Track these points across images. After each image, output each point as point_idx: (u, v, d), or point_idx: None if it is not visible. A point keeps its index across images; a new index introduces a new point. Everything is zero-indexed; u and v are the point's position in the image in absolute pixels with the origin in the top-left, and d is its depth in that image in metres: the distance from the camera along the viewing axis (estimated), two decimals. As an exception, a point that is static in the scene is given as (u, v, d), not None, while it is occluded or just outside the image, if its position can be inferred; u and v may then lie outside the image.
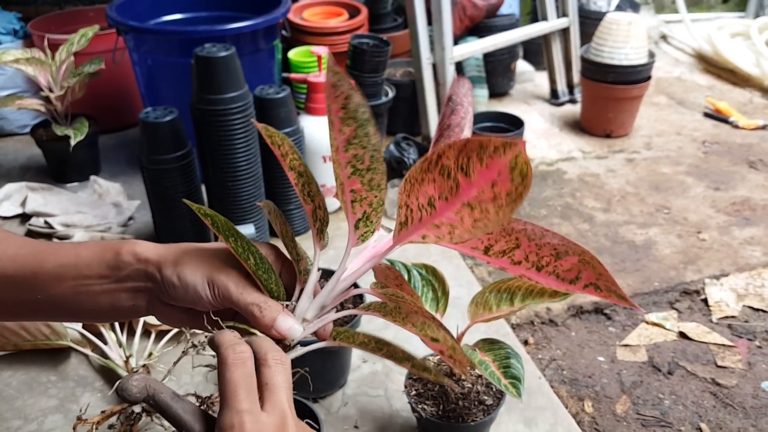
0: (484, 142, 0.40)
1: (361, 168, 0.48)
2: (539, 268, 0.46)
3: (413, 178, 0.45)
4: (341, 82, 0.46)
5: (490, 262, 0.48)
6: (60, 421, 1.03)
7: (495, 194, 0.41)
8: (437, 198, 0.44)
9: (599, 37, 1.96)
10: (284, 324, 0.51)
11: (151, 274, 0.53)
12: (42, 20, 1.90)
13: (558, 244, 0.45)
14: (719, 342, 1.28)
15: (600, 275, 0.44)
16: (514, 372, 0.81)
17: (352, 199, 0.49)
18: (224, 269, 0.53)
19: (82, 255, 0.55)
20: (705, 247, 1.54)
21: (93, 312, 0.56)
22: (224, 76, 1.23)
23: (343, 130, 0.47)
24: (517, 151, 0.39)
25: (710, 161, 1.93)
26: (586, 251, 0.44)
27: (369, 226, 0.51)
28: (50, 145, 1.64)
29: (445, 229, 0.45)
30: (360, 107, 0.46)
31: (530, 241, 0.45)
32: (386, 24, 2.16)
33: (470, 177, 0.42)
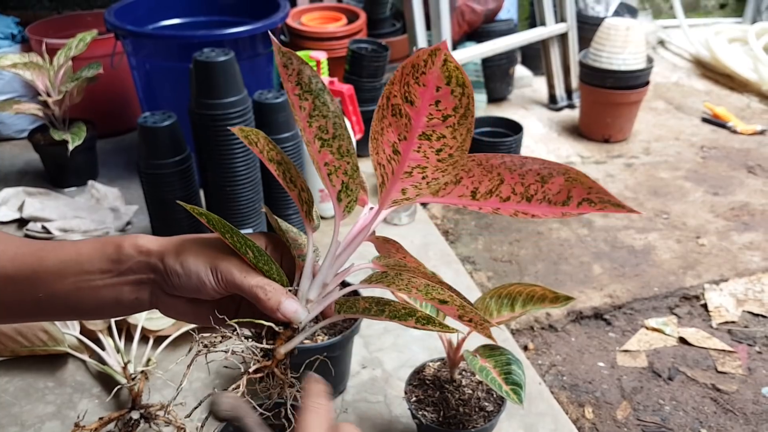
0: (414, 62, 0.41)
1: (326, 138, 0.49)
2: (529, 198, 0.45)
3: (375, 132, 0.46)
4: (291, 60, 0.48)
5: (482, 208, 0.47)
6: (57, 427, 1.02)
7: (443, 113, 0.42)
8: (398, 141, 0.45)
9: (597, 42, 1.96)
10: (290, 307, 0.52)
11: (153, 265, 0.53)
12: (40, 24, 1.90)
13: (540, 168, 0.44)
14: (719, 347, 1.28)
15: (590, 188, 0.44)
16: (515, 378, 0.81)
17: (327, 172, 0.50)
18: (226, 256, 0.53)
19: (83, 251, 0.54)
20: (704, 252, 1.54)
21: (95, 308, 0.56)
22: (223, 80, 1.22)
23: (302, 105, 0.48)
24: (444, 56, 0.40)
25: (709, 166, 1.93)
26: (570, 168, 0.44)
27: (350, 195, 0.51)
28: (48, 150, 1.64)
29: (417, 174, 0.46)
30: (312, 78, 0.48)
31: (512, 173, 0.45)
32: (385, 29, 2.16)
33: (415, 104, 0.43)
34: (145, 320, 1.12)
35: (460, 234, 1.61)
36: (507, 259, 1.52)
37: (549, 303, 0.84)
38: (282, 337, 0.53)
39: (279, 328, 0.54)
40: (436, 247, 1.47)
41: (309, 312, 0.54)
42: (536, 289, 0.85)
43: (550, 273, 1.47)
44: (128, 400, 1.04)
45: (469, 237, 1.59)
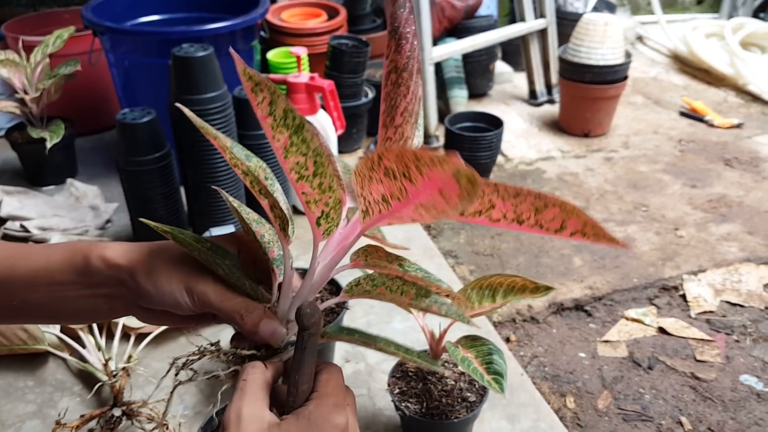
0: (418, 155, 0.37)
1: (306, 174, 0.45)
2: (520, 222, 0.44)
3: (362, 174, 0.42)
4: (260, 86, 0.43)
5: (469, 221, 0.45)
6: (38, 426, 1.01)
7: (445, 197, 0.39)
8: (390, 197, 0.42)
9: (576, 37, 1.98)
10: (267, 328, 0.51)
11: (123, 280, 0.52)
12: (16, 22, 1.88)
13: (535, 200, 0.42)
14: (698, 337, 1.29)
15: (585, 223, 0.42)
16: (496, 368, 0.82)
17: (306, 200, 0.47)
18: (200, 275, 0.52)
19: (52, 260, 0.54)
20: (683, 243, 1.56)
21: (71, 315, 0.55)
22: (202, 76, 1.22)
23: (276, 137, 0.44)
24: (455, 166, 0.36)
25: (687, 159, 1.95)
26: (566, 203, 0.42)
27: (330, 222, 0.49)
28: (26, 148, 1.62)
29: (407, 219, 0.44)
30: (288, 113, 0.43)
31: (505, 201, 0.43)
32: (365, 25, 2.16)
33: (415, 184, 0.39)
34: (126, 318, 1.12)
35: (442, 228, 1.61)
36: (489, 253, 1.52)
37: (530, 293, 0.84)
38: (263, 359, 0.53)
39: (260, 352, 0.53)
40: (419, 241, 1.48)
41: (288, 332, 0.53)
42: (517, 280, 0.86)
43: (531, 266, 1.48)
44: (110, 398, 1.03)
45: (451, 231, 1.60)
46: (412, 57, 0.48)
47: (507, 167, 1.89)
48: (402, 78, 0.48)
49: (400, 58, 0.48)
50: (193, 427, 0.99)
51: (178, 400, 1.04)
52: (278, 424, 0.46)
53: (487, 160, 1.71)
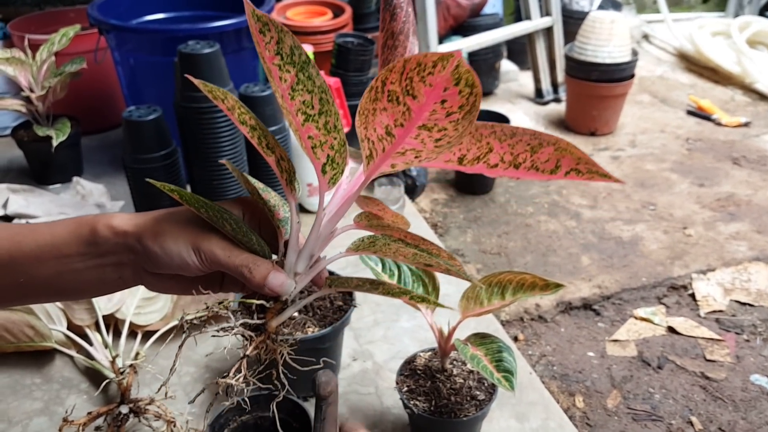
0: (420, 61, 0.38)
1: (312, 113, 0.46)
2: (516, 165, 0.45)
3: (365, 110, 0.43)
4: (268, 26, 0.44)
5: (466, 170, 0.46)
6: (45, 423, 1.01)
7: (447, 110, 0.40)
8: (393, 126, 0.43)
9: (583, 35, 1.97)
10: (275, 281, 0.51)
11: (131, 246, 0.52)
12: (22, 21, 1.88)
13: (530, 139, 0.44)
14: (707, 336, 1.29)
15: (579, 159, 0.43)
16: (506, 365, 0.81)
17: (311, 145, 0.48)
18: (206, 234, 0.52)
19: (58, 234, 0.53)
20: (691, 242, 1.55)
21: (78, 289, 0.55)
22: (208, 73, 1.21)
23: (283, 77, 0.45)
24: (456, 63, 0.37)
25: (694, 158, 1.94)
26: (560, 139, 0.43)
27: (336, 168, 0.49)
28: (32, 146, 1.62)
29: (410, 154, 0.44)
30: (294, 50, 0.45)
31: (502, 143, 0.44)
32: (370, 23, 2.15)
33: (418, 99, 0.40)
34: (133, 315, 1.11)
35: (448, 227, 1.60)
36: (496, 252, 1.52)
37: (539, 290, 0.84)
38: (272, 311, 0.53)
39: (269, 303, 0.54)
40: (425, 240, 1.47)
41: (297, 284, 0.54)
42: (526, 277, 0.85)
43: (539, 264, 1.47)
44: (117, 395, 1.02)
45: (458, 230, 1.59)
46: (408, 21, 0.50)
47: (513, 166, 1.88)
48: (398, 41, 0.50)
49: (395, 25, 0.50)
50: (201, 424, 0.98)
51: (185, 397, 1.04)
52: None
53: (493, 158, 1.70)
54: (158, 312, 1.14)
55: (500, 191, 1.75)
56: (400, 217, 0.55)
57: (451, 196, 1.73)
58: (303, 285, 0.53)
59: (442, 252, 0.51)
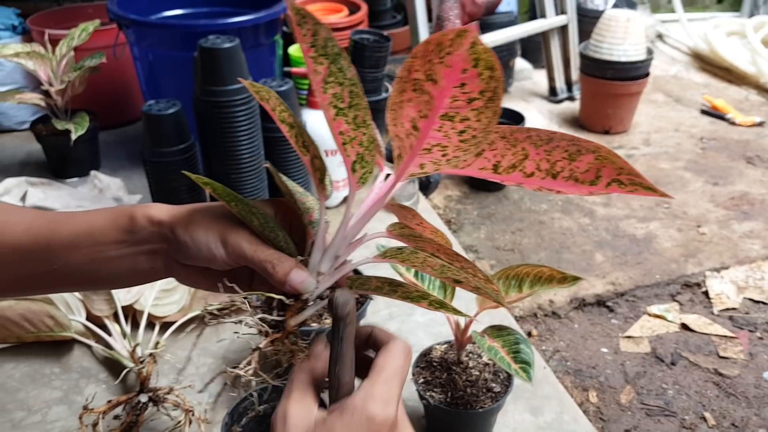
0: (439, 39, 0.37)
1: (342, 107, 0.46)
2: (554, 175, 0.43)
3: (394, 104, 0.43)
4: (306, 18, 0.45)
5: (503, 181, 0.45)
6: (64, 412, 1.02)
7: (468, 97, 0.39)
8: (418, 118, 0.42)
9: (598, 33, 1.97)
10: (297, 278, 0.51)
11: (165, 236, 0.53)
12: (41, 16, 1.90)
13: (568, 145, 0.41)
14: (721, 333, 1.29)
15: (621, 169, 0.41)
16: (523, 357, 0.82)
17: (342, 141, 0.48)
18: (236, 228, 0.53)
19: (95, 222, 0.55)
20: (705, 240, 1.55)
21: (111, 278, 0.56)
22: (228, 67, 1.22)
23: (317, 69, 0.46)
24: (472, 38, 0.36)
25: (708, 157, 1.94)
26: (600, 146, 0.41)
27: (366, 167, 0.49)
28: (50, 140, 1.63)
29: (437, 152, 0.44)
30: (328, 41, 0.45)
31: (538, 148, 0.42)
32: (385, 21, 2.16)
33: (438, 83, 0.39)
34: (152, 306, 1.13)
35: (462, 223, 1.61)
36: (510, 248, 1.52)
37: (557, 283, 0.84)
38: (292, 309, 0.53)
39: (289, 300, 0.54)
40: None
41: (318, 283, 0.54)
42: (543, 270, 0.85)
43: (552, 261, 1.48)
44: (135, 385, 1.04)
45: (471, 226, 1.60)
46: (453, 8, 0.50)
47: (527, 163, 1.89)
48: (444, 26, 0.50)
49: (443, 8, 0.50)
50: (218, 414, 1.00)
51: (203, 388, 1.05)
52: (324, 420, 0.46)
53: (507, 155, 1.71)
54: (176, 304, 1.16)
55: (514, 188, 1.76)
56: (439, 234, 0.55)
57: (464, 193, 1.74)
58: (326, 286, 0.53)
59: (478, 273, 0.50)
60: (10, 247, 0.56)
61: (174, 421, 0.97)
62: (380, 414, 0.46)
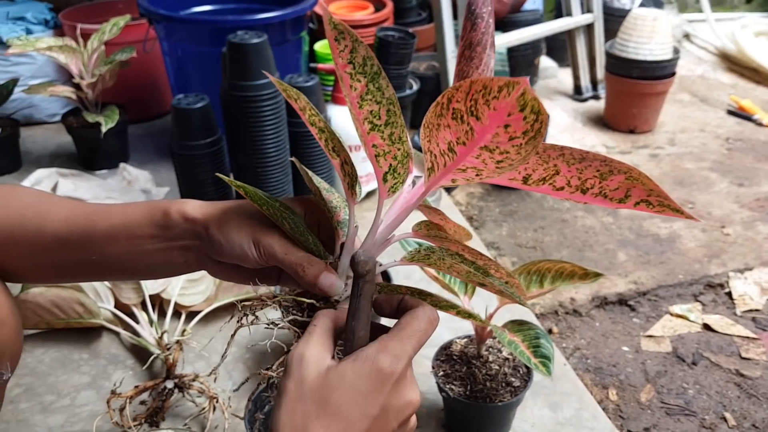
0: (486, 84, 0.38)
1: (378, 124, 0.47)
2: (584, 191, 0.43)
3: (430, 124, 0.43)
4: (344, 34, 0.44)
5: (532, 190, 0.46)
6: (92, 396, 1.05)
7: (511, 135, 0.39)
8: (456, 143, 0.42)
9: (624, 32, 1.96)
10: (326, 281, 0.53)
11: (198, 233, 0.55)
12: (72, 11, 1.93)
13: (600, 165, 0.42)
14: (743, 334, 1.28)
15: (651, 191, 0.42)
16: (543, 351, 0.82)
17: (375, 153, 0.48)
18: (267, 230, 0.54)
19: (132, 216, 0.57)
20: (729, 241, 1.54)
21: (146, 269, 0.58)
22: (256, 62, 1.24)
23: (353, 85, 0.46)
24: (521, 90, 0.36)
25: (734, 158, 1.92)
26: (632, 168, 0.42)
27: (397, 178, 0.50)
28: (81, 132, 1.67)
29: (471, 172, 0.44)
30: (367, 60, 0.45)
31: (570, 166, 0.43)
32: (411, 18, 2.17)
33: (482, 120, 0.40)
34: (178, 296, 1.15)
35: (484, 220, 1.62)
36: (531, 245, 1.53)
37: (578, 279, 0.85)
38: None
39: (319, 303, 0.55)
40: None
41: (346, 286, 0.55)
42: (565, 266, 0.86)
43: (574, 259, 1.48)
44: (161, 372, 1.06)
45: (493, 223, 1.61)
46: (487, 33, 0.49)
47: (550, 162, 1.89)
48: (475, 52, 0.50)
49: (475, 35, 0.49)
50: (241, 402, 1.02)
51: (227, 376, 1.07)
52: (336, 366, 0.48)
53: (531, 153, 1.71)
54: (202, 294, 1.18)
55: (537, 186, 1.76)
56: (461, 228, 0.56)
57: (487, 190, 1.75)
58: None
59: (500, 269, 0.52)
60: (51, 236, 0.58)
61: (198, 407, 0.99)
62: (388, 367, 0.47)
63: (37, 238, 0.58)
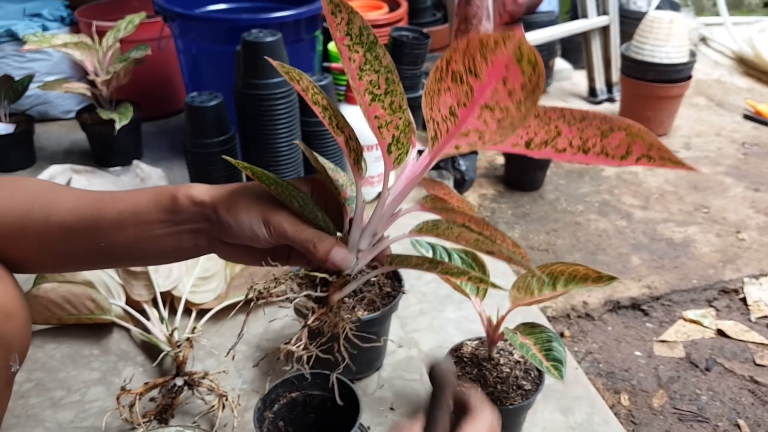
0: (483, 39, 0.39)
1: (378, 93, 0.47)
2: (585, 150, 0.44)
3: (431, 90, 0.44)
4: (340, 7, 0.46)
5: (534, 155, 0.46)
6: (102, 392, 1.05)
7: (509, 90, 0.40)
8: (457, 106, 0.43)
9: (640, 35, 1.95)
10: (338, 255, 0.53)
11: (207, 216, 0.55)
12: (88, 8, 1.94)
13: (601, 123, 0.43)
14: (758, 341, 1.27)
15: (651, 145, 0.42)
16: (555, 354, 0.82)
17: (377, 125, 0.49)
18: (276, 209, 0.54)
19: (140, 202, 0.57)
20: (744, 246, 1.53)
21: (156, 254, 0.58)
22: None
23: (352, 57, 0.47)
24: (517, 42, 0.37)
25: (750, 163, 1.90)
26: (632, 123, 0.42)
27: (401, 149, 0.50)
28: (95, 129, 1.67)
29: (474, 135, 0.45)
30: (363, 30, 0.46)
31: (571, 126, 0.43)
32: (425, 18, 2.17)
33: (480, 78, 0.40)
34: (189, 293, 1.15)
35: (496, 222, 1.61)
36: (544, 248, 1.52)
37: (592, 282, 0.84)
38: (335, 285, 0.55)
39: (332, 277, 0.56)
40: (473, 233, 1.48)
41: (359, 260, 0.55)
42: (579, 269, 0.85)
43: (587, 263, 1.46)
44: (171, 369, 1.06)
45: (505, 225, 1.60)
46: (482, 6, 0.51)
47: (564, 164, 1.88)
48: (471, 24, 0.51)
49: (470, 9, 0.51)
50: (251, 400, 1.01)
51: (236, 374, 1.07)
52: None
53: (544, 155, 1.70)
54: (213, 291, 1.18)
55: (550, 188, 1.75)
56: (465, 202, 0.56)
57: (499, 192, 1.74)
58: (365, 262, 0.55)
59: (506, 239, 0.51)
60: (58, 225, 0.58)
61: (208, 405, 0.99)
62: None
63: (45, 227, 0.58)
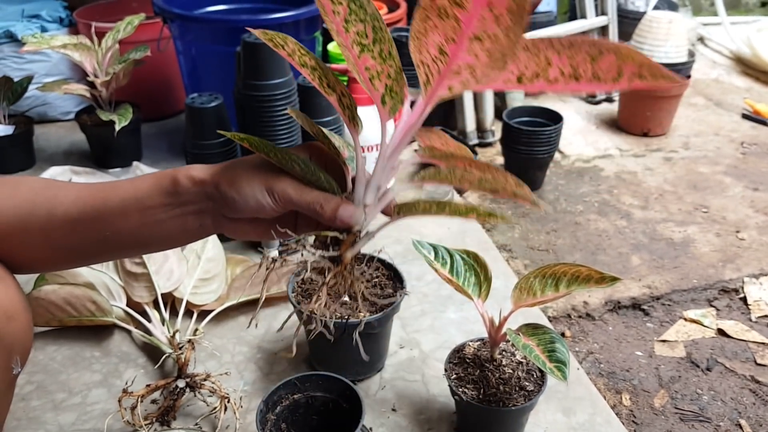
0: None
1: (366, 43, 0.47)
2: (577, 78, 0.43)
3: (417, 32, 0.44)
4: None
5: (527, 89, 0.45)
6: (104, 395, 1.05)
7: (496, 16, 0.39)
8: (445, 43, 0.43)
9: (639, 35, 1.95)
10: (345, 212, 0.53)
11: (210, 194, 0.55)
12: (87, 9, 1.94)
13: (590, 48, 0.42)
14: (758, 340, 1.27)
15: (642, 64, 0.41)
16: (559, 356, 0.82)
17: (369, 76, 0.48)
18: (278, 176, 0.54)
19: (141, 188, 0.57)
20: (744, 246, 1.53)
21: (162, 239, 0.58)
22: (270, 62, 1.24)
23: (336, 10, 0.46)
24: None
25: (749, 162, 1.91)
26: (621, 45, 0.41)
27: (395, 98, 0.50)
28: (94, 131, 1.67)
29: (465, 73, 0.44)
30: None
31: (560, 55, 0.42)
32: (424, 19, 2.16)
33: (466, 7, 0.40)
34: (190, 294, 1.15)
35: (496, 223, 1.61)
36: (544, 248, 1.52)
37: (594, 283, 0.84)
38: (346, 243, 0.55)
39: (342, 236, 0.56)
40: (474, 234, 1.48)
41: (367, 215, 0.56)
42: (581, 270, 0.85)
43: (587, 263, 1.47)
44: (172, 371, 1.06)
45: (505, 226, 1.60)
46: None
47: (564, 164, 1.88)
48: None
49: None
50: (253, 402, 1.01)
51: (238, 376, 1.07)
52: None
53: (545, 155, 1.69)
54: (213, 293, 1.18)
55: (549, 189, 1.75)
56: (463, 147, 0.56)
57: (499, 193, 1.74)
58: (373, 216, 0.55)
59: (509, 177, 0.50)
60: (62, 218, 0.58)
61: (210, 407, 0.99)
62: None
63: (49, 222, 0.58)
